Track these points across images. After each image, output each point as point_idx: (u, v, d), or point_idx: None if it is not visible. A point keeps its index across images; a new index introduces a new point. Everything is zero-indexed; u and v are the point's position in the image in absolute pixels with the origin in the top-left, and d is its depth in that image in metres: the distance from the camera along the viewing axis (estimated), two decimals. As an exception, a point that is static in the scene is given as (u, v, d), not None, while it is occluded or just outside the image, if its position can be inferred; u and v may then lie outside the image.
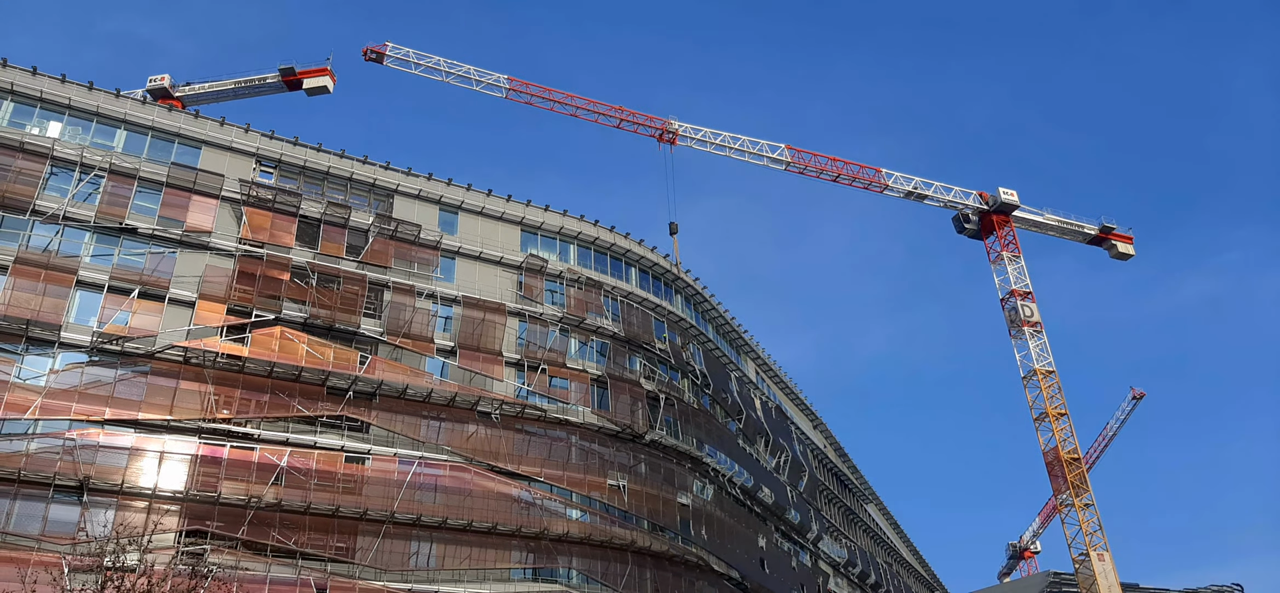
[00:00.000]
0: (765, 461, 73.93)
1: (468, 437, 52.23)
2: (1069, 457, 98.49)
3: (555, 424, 55.42)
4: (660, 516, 56.94)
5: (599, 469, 55.87)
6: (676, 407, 61.82)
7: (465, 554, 49.73)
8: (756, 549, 66.84)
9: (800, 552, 76.36)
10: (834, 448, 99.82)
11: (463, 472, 51.08)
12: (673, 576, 56.28)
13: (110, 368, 45.13)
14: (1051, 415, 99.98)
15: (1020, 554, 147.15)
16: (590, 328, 59.95)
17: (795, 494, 77.33)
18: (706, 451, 62.93)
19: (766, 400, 79.72)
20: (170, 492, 43.36)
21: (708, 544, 59.24)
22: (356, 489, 47.82)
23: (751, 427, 72.63)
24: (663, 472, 58.79)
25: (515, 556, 51.26)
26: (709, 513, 61.06)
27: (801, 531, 76.66)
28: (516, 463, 52.90)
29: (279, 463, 46.25)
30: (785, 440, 79.03)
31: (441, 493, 50.01)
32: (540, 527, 51.60)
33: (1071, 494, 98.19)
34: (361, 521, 47.27)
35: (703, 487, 61.88)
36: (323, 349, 49.80)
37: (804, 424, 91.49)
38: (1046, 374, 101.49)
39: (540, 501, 52.83)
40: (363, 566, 46.49)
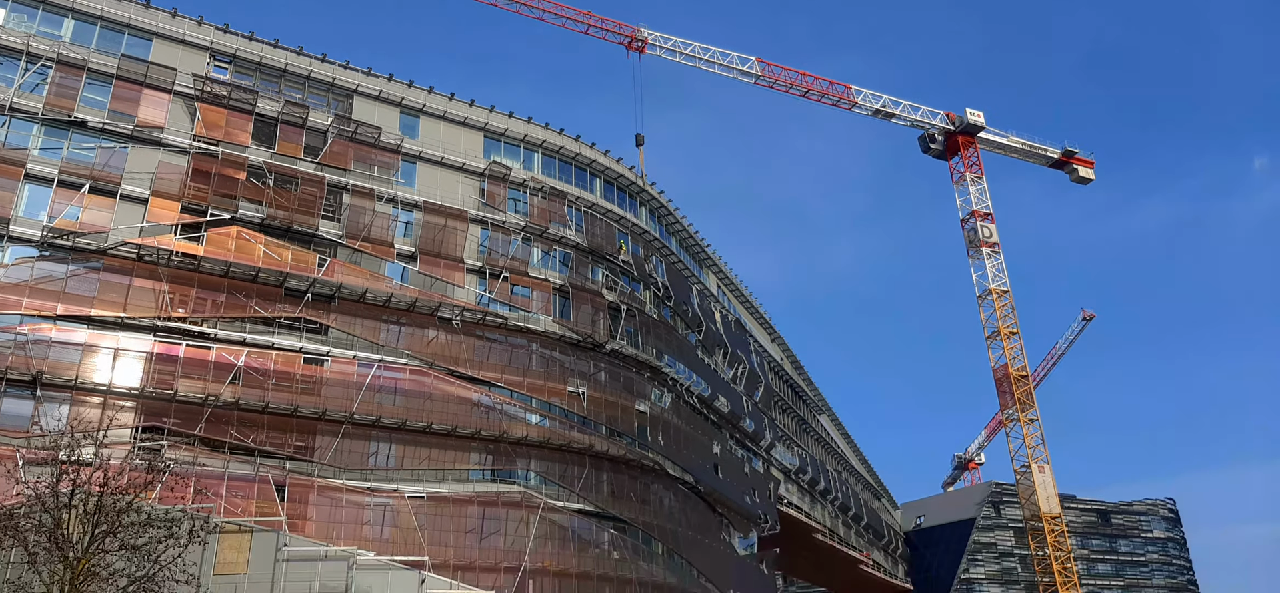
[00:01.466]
0: (723, 371, 75.14)
1: (428, 342, 52.43)
2: (1017, 374, 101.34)
3: (516, 332, 55.76)
4: (618, 422, 57.95)
5: (559, 376, 56.51)
6: (637, 318, 62.39)
7: (424, 455, 50.43)
8: (711, 456, 68.40)
9: (753, 459, 78.25)
10: (790, 361, 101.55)
11: (423, 376, 51.41)
12: (629, 479, 57.60)
13: (62, 263, 44.40)
14: (1003, 334, 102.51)
15: (965, 466, 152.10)
16: (553, 238, 59.91)
17: (751, 404, 78.89)
18: (666, 361, 63.80)
19: (726, 313, 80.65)
20: (126, 388, 43.23)
21: (664, 450, 60.53)
22: (315, 390, 48.02)
23: (711, 339, 73.59)
24: (622, 380, 59.62)
25: (474, 457, 52.07)
26: (666, 420, 62.23)
27: (755, 439, 78.46)
28: (477, 369, 53.32)
29: (236, 363, 46.19)
30: (743, 353, 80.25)
31: (401, 396, 50.39)
32: (500, 430, 52.35)
33: (1017, 410, 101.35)
34: (320, 421, 47.58)
35: (661, 395, 62.90)
36: (280, 251, 49.33)
37: (762, 337, 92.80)
38: (1001, 294, 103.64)
39: (500, 405, 53.46)
40: (322, 464, 46.99)
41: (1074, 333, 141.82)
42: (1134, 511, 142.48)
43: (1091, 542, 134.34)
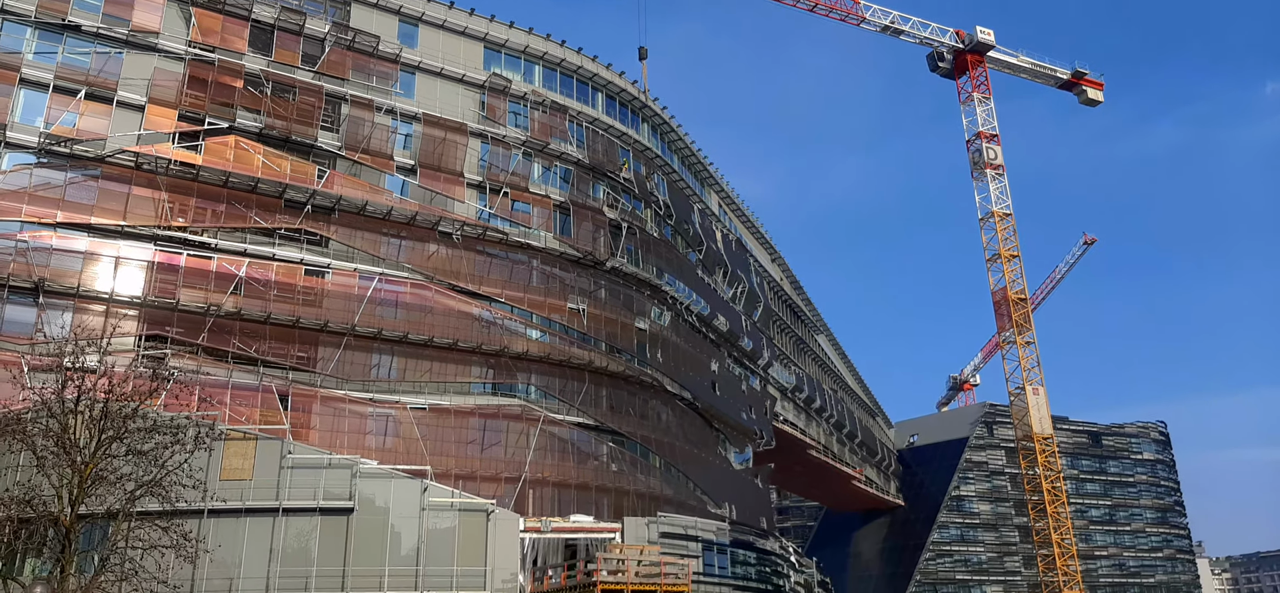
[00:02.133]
0: (723, 290, 75.31)
1: (428, 256, 52.39)
2: (1016, 297, 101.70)
3: (517, 248, 55.68)
4: (618, 339, 58.29)
5: (559, 293, 56.65)
6: (638, 236, 62.25)
7: (426, 368, 50.86)
8: (709, 373, 68.98)
9: (750, 376, 78.94)
10: (790, 281, 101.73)
11: (423, 289, 51.52)
12: (628, 394, 58.20)
13: (60, 171, 44.12)
14: (1004, 257, 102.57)
15: (960, 387, 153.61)
16: (554, 153, 59.40)
17: (749, 323, 79.27)
18: (666, 279, 63.86)
19: (727, 233, 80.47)
20: (128, 297, 43.36)
21: (662, 367, 61.01)
22: (317, 302, 48.18)
23: (711, 258, 73.58)
24: (622, 297, 59.80)
25: (475, 371, 52.52)
26: (665, 338, 62.59)
27: (753, 357, 79.03)
28: (477, 283, 53.41)
29: (237, 273, 46.23)
30: (743, 272, 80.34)
31: (402, 309, 50.58)
32: (500, 345, 52.68)
33: (1014, 332, 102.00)
34: (322, 332, 47.84)
35: (660, 313, 63.14)
36: (279, 161, 48.94)
37: (762, 257, 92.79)
38: (1003, 217, 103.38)
39: (500, 320, 53.70)
40: (324, 375, 47.40)
41: (1074, 257, 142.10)
42: (1125, 433, 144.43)
43: (1081, 463, 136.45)
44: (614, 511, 53.15)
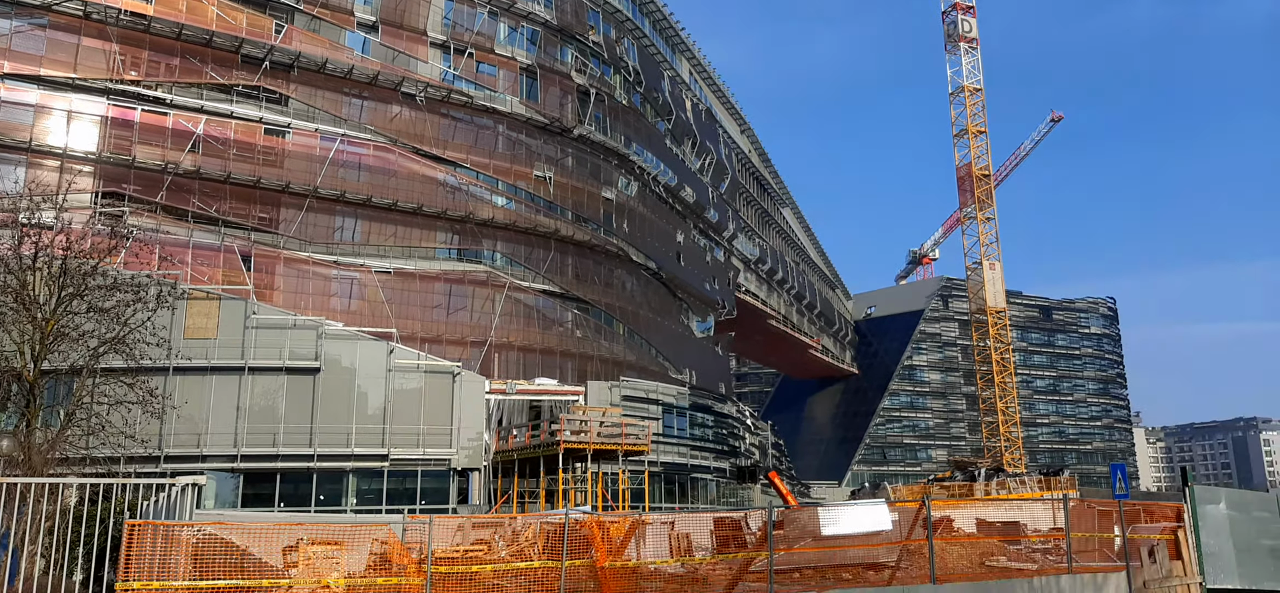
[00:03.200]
0: (690, 161, 75.06)
1: (391, 118, 51.43)
2: (980, 173, 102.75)
3: (482, 112, 54.75)
4: (584, 207, 58.24)
5: (525, 159, 56.14)
6: (606, 103, 61.42)
7: (390, 232, 50.67)
8: (674, 244, 69.49)
9: (715, 248, 79.64)
10: (758, 153, 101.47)
11: (387, 152, 50.80)
12: (593, 263, 58.63)
13: (5, 18, 42.24)
14: (971, 132, 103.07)
15: (919, 261, 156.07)
16: (521, 12, 57.76)
17: (716, 195, 79.43)
18: (634, 149, 63.44)
19: (697, 102, 79.61)
20: (83, 153, 42.33)
21: (628, 237, 61.30)
22: (278, 162, 47.41)
23: (680, 128, 73.01)
24: (589, 166, 59.44)
25: (440, 236, 52.44)
26: (631, 208, 62.65)
27: (718, 229, 79.55)
28: (442, 148, 52.72)
29: (194, 131, 45.17)
30: (712, 143, 79.94)
31: (365, 171, 49.97)
32: (465, 210, 52.46)
33: (976, 208, 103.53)
34: (284, 193, 47.26)
35: (627, 183, 62.99)
36: (234, 13, 47.18)
37: (732, 128, 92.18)
38: (973, 91, 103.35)
39: (465, 186, 53.30)
40: (287, 237, 47.08)
41: (1041, 134, 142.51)
42: (1075, 308, 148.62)
43: (1031, 335, 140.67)
44: (578, 375, 54.28)
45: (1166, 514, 20.99)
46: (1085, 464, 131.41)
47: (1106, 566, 18.77)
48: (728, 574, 16.42)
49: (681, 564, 17.08)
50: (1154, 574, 19.01)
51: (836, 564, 18.45)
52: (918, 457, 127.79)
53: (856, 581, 17.88)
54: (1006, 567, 19.02)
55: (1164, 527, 20.38)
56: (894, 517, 18.52)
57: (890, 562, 18.09)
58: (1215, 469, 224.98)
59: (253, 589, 12.31)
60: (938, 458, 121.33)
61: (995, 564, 19.25)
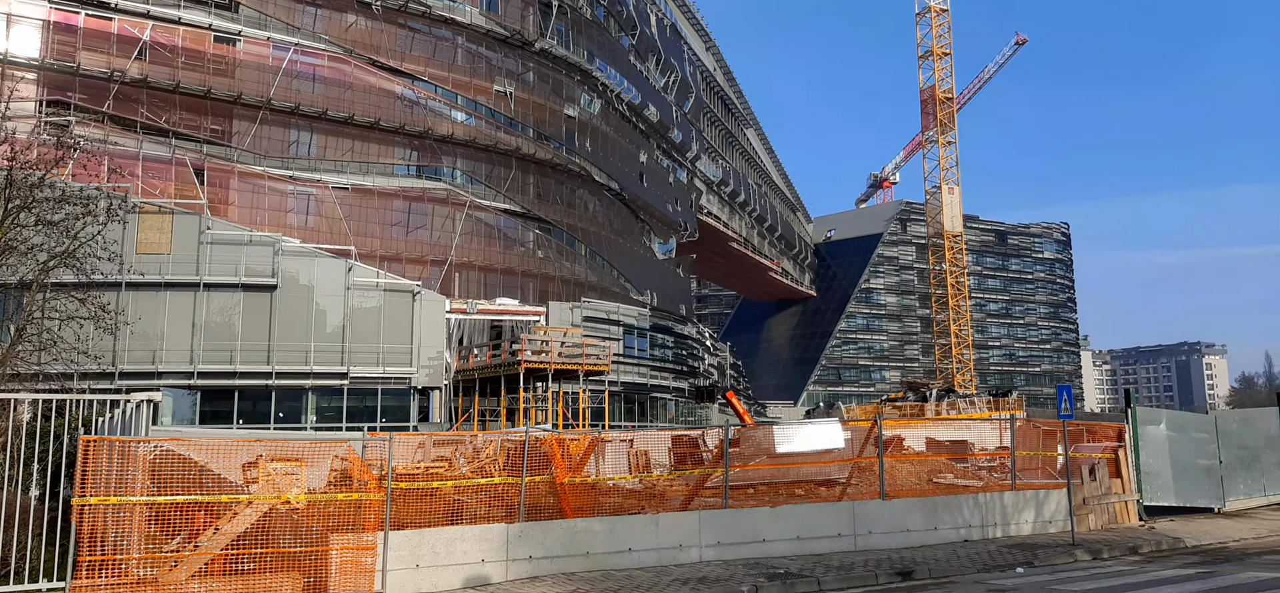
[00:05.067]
0: (655, 79, 74.24)
1: (347, 27, 50.06)
2: (943, 96, 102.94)
3: (440, 23, 53.44)
4: (546, 125, 57.52)
5: (486, 74, 55.12)
6: (569, 16, 60.21)
7: (347, 147, 49.75)
8: (637, 164, 69.10)
9: (678, 169, 79.37)
10: (723, 72, 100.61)
11: (342, 63, 49.56)
12: (555, 183, 58.18)
13: (-66, -88, 40.18)
14: (936, 54, 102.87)
15: (880, 184, 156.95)
16: (481, -80, 56.06)
17: (680, 114, 78.85)
18: (597, 64, 62.50)
19: (662, 17, 78.39)
20: (25, 59, 40.74)
21: (591, 156, 60.80)
22: (229, 72, 46.09)
23: (644, 44, 71.99)
24: (551, 82, 58.52)
25: (399, 152, 51.61)
26: (594, 126, 62.01)
27: (682, 150, 79.18)
28: (399, 60, 51.53)
29: (141, 37, 43.65)
30: (676, 60, 79.04)
31: (320, 84, 48.79)
32: (424, 126, 51.58)
33: (938, 131, 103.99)
34: (236, 105, 46.08)
35: (590, 100, 62.21)
36: (183, -86, 45.29)
37: (697, 45, 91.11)
38: (940, 12, 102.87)
39: (424, 100, 52.31)
40: (241, 150, 46.04)
41: (1005, 57, 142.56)
42: (1029, 233, 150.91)
43: (986, 260, 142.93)
44: (539, 295, 54.29)
45: (1108, 434, 21.77)
46: (1034, 386, 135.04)
47: (1049, 483, 19.49)
48: (684, 490, 16.82)
49: (639, 481, 17.45)
50: (1094, 491, 19.79)
51: (790, 481, 18.98)
52: (872, 378, 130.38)
53: (809, 496, 18.42)
54: (953, 484, 19.68)
55: (1105, 446, 21.15)
56: (847, 435, 19.04)
57: (842, 478, 18.64)
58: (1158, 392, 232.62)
59: (212, 505, 12.36)
60: (891, 379, 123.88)
61: (942, 481, 19.91)
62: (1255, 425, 24.96)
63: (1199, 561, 15.54)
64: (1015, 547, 16.59)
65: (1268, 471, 24.19)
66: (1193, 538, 17.99)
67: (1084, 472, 19.87)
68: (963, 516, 17.71)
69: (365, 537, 12.82)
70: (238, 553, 12.06)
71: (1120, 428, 21.37)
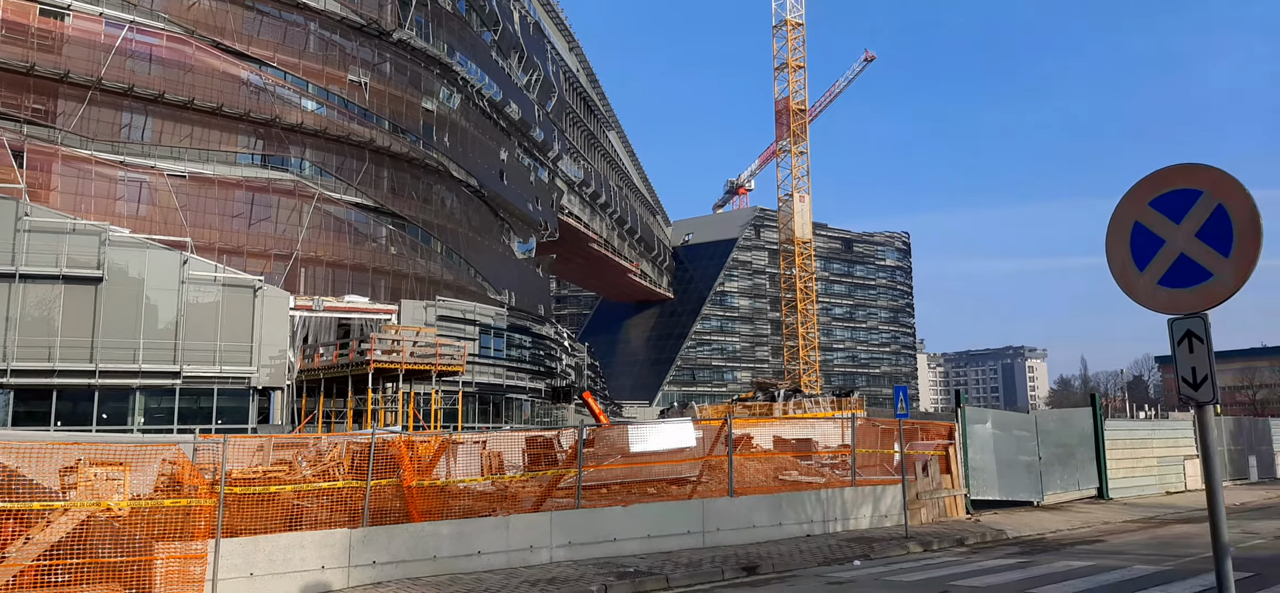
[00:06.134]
0: (517, 76, 73.59)
1: (189, 6, 47.26)
2: (797, 107, 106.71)
3: (292, 7, 51.22)
4: (403, 118, 56.04)
5: (339, 62, 53.20)
6: (429, 7, 58.86)
7: (186, 133, 46.97)
8: (497, 161, 68.31)
9: (540, 168, 78.96)
10: (586, 73, 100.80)
11: (183, 44, 46.73)
12: (411, 177, 56.75)
13: None
14: (791, 67, 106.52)
15: (736, 190, 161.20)
16: (337, -97, 54.08)
17: (542, 113, 78.47)
18: (457, 58, 61.41)
19: (526, 15, 77.79)
20: None
21: (449, 151, 59.64)
22: (55, 48, 42.68)
23: (507, 40, 71.25)
24: (409, 74, 57.07)
25: (243, 140, 49.10)
26: (453, 121, 60.88)
27: (543, 148, 78.81)
28: (246, 43, 49.05)
29: (-50, 4, 39.81)
30: (540, 59, 78.59)
31: (158, 64, 45.86)
32: (271, 114, 49.28)
33: (791, 141, 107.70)
34: (62, 83, 42.70)
35: (450, 95, 61.04)
36: (0, -128, 41.62)
37: (560, 45, 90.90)
38: (795, 26, 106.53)
39: (272, 87, 49.98)
40: (66, 132, 42.70)
41: (854, 72, 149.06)
42: (873, 241, 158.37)
43: (833, 266, 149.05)
44: (391, 293, 52.83)
45: (940, 433, 23.12)
46: (874, 387, 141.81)
47: (885, 479, 20.51)
48: (537, 491, 16.75)
49: (492, 482, 17.25)
50: (926, 486, 20.96)
51: (643, 480, 19.20)
52: (725, 378, 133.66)
53: (661, 495, 18.69)
54: (798, 480, 20.42)
55: (938, 444, 22.45)
56: (699, 434, 19.46)
57: (693, 477, 19.02)
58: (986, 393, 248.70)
59: (24, 513, 11.39)
60: (743, 379, 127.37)
61: (788, 478, 20.62)
62: (1071, 424, 27.11)
63: (1019, 551, 16.71)
64: (854, 541, 17.37)
65: (1081, 466, 26.30)
66: (1014, 530, 19.32)
67: (918, 468, 21.01)
68: (806, 511, 18.39)
69: (195, 545, 12.11)
70: (51, 564, 11.16)
71: (951, 427, 22.72)
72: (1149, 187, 5.72)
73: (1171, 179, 5.61)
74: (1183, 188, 5.55)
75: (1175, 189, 5.59)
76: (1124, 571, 13.91)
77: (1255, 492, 29.30)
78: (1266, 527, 19.61)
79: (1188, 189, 5.52)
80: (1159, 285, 5.62)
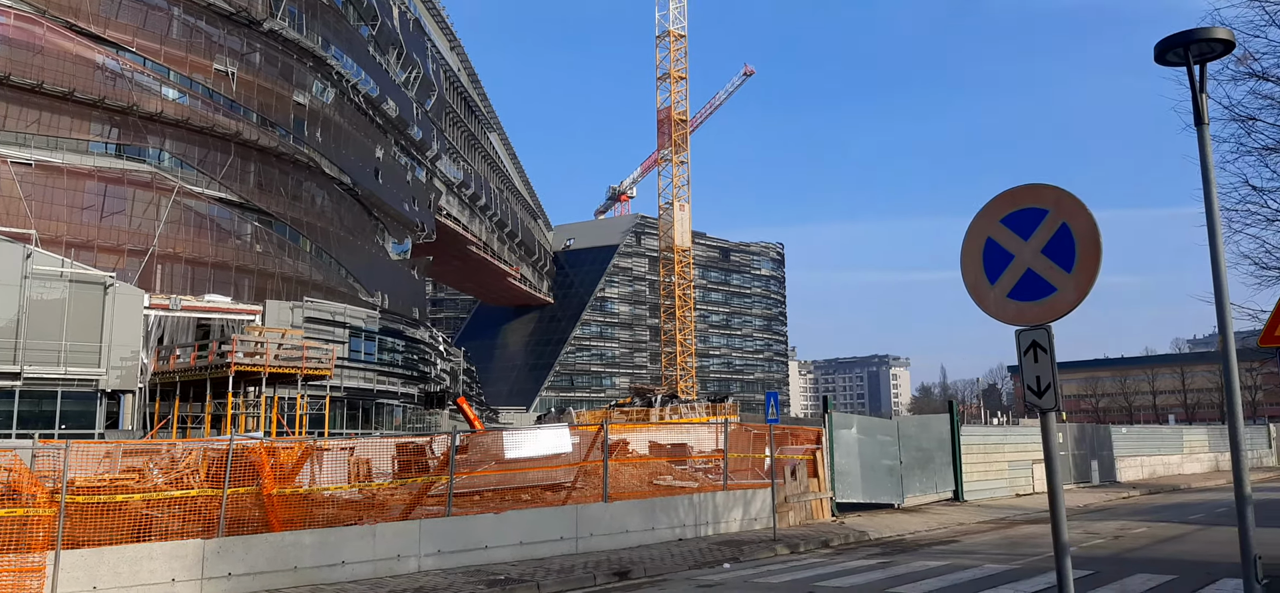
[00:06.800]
0: (395, 73, 71.84)
1: (36, -19, 44.12)
2: (678, 117, 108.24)
3: (153, -12, 48.52)
4: (272, 111, 53.84)
5: (205, 50, 50.68)
6: (302, -3, 56.82)
7: (33, 118, 43.86)
8: (373, 159, 66.49)
9: (417, 168, 77.31)
10: (468, 73, 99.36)
11: (32, 23, 43.59)
12: (279, 172, 54.56)
13: None
14: (673, 77, 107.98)
15: (618, 197, 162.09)
16: (204, -117, 51.59)
17: (421, 112, 76.85)
18: (332, 52, 59.47)
19: (406, 11, 76.06)
20: None
21: (321, 147, 57.65)
22: (-124, 17, 39.07)
23: (385, 36, 69.47)
24: (280, 65, 54.88)
25: (96, 128, 46.19)
26: (327, 116, 58.90)
27: (422, 148, 77.22)
28: (102, 26, 46.15)
29: None
30: (419, 57, 76.96)
31: (3, 44, 42.66)
32: (128, 101, 46.51)
33: (672, 151, 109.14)
34: (-116, 57, 39.17)
35: (323, 89, 59.03)
36: None
37: (441, 43, 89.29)
38: (678, 37, 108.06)
39: (130, 73, 47.18)
40: (-112, 110, 39.16)
41: (734, 85, 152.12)
42: (750, 250, 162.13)
43: (711, 274, 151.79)
44: (256, 293, 50.65)
45: (809, 437, 23.80)
46: (748, 393, 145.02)
47: (756, 483, 20.96)
48: (407, 498, 16.34)
49: (359, 490, 16.73)
50: (795, 490, 21.54)
51: (517, 486, 19.01)
52: (603, 384, 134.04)
53: (535, 501, 18.54)
54: (672, 485, 20.62)
55: (806, 448, 23.10)
56: (575, 440, 19.40)
57: (568, 482, 18.95)
58: (853, 399, 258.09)
59: None
60: (621, 385, 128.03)
61: (662, 483, 20.80)
62: (930, 430, 28.40)
63: (880, 552, 17.36)
64: (724, 544, 17.66)
65: (939, 470, 27.57)
66: (876, 531, 20.07)
67: (787, 472, 21.57)
68: (679, 516, 18.60)
69: (31, 558, 11.28)
70: None
71: (819, 432, 23.43)
72: (1001, 205, 6.03)
73: (1021, 198, 5.93)
74: (1031, 206, 5.87)
75: (1024, 207, 5.90)
76: (976, 570, 14.64)
77: (1097, 494, 31.39)
78: (1106, 527, 21.02)
79: (1035, 208, 5.84)
80: (1008, 298, 5.93)
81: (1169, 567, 14.39)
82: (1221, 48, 7.11)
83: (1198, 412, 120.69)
